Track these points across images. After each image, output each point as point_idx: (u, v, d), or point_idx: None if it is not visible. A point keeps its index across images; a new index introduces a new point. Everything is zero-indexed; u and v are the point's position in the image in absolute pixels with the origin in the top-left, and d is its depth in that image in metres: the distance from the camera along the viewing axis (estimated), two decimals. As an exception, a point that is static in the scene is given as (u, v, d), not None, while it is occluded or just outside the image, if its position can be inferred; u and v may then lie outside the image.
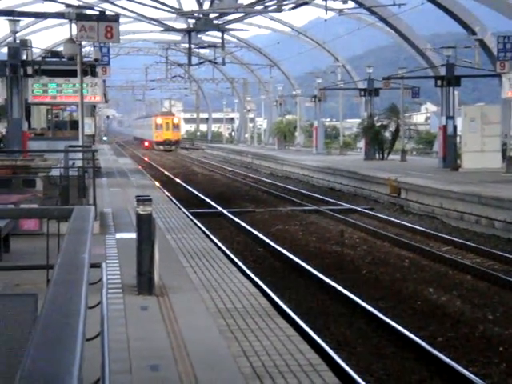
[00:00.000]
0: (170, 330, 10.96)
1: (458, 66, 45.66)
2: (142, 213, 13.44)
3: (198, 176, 54.76)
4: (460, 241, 23.83)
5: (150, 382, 8.80)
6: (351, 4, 45.74)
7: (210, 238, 21.99)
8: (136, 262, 13.38)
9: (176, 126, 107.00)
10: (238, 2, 34.55)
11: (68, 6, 29.73)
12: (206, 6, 37.61)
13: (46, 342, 3.02)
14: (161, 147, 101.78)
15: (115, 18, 26.42)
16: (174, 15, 45.12)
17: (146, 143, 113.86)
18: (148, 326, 11.24)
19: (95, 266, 8.58)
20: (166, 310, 12.20)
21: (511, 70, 35.70)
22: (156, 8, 40.01)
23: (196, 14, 39.68)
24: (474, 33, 44.54)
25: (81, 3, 37.94)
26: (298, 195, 39.12)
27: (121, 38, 30.75)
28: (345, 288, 17.31)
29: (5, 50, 37.47)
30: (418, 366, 12.26)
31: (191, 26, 44.01)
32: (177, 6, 40.84)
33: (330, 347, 12.55)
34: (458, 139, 43.68)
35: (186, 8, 41.22)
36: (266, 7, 35.64)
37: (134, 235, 14.04)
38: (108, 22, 25.47)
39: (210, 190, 42.22)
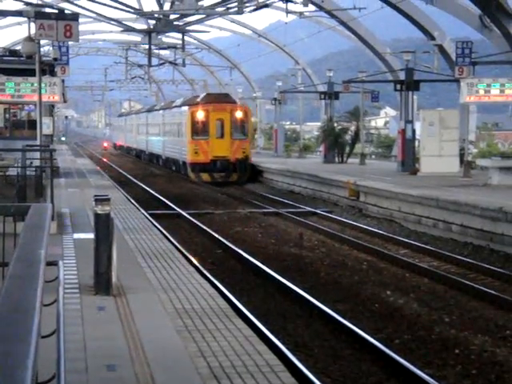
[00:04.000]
0: (126, 330, 10.97)
1: (417, 71, 46.10)
2: (100, 212, 13.39)
3: (157, 178, 54.62)
4: (417, 244, 24.06)
5: (106, 381, 8.79)
6: (312, 7, 45.90)
7: (168, 239, 22.02)
8: (94, 262, 13.36)
9: (241, 127, 51.51)
10: (199, 4, 34.51)
11: (27, 4, 29.58)
12: (167, 6, 37.56)
13: (1, 337, 3.01)
14: (206, 177, 49.36)
15: (74, 17, 26.32)
16: (134, 16, 45.10)
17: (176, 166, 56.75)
18: (105, 326, 11.22)
19: (52, 263, 8.53)
20: (123, 310, 12.20)
21: (469, 76, 36.00)
22: (116, 8, 39.84)
23: (156, 15, 39.75)
24: (433, 38, 44.92)
25: (40, 2, 37.72)
26: (258, 197, 39.29)
27: (80, 37, 30.48)
28: (303, 290, 17.37)
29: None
30: (375, 367, 12.35)
31: (151, 26, 44.19)
32: (137, 7, 40.83)
33: (287, 348, 12.58)
34: (416, 143, 44.03)
35: (147, 9, 41.53)
36: (227, 9, 35.67)
37: (91, 235, 14.03)
38: (67, 20, 25.40)
39: (168, 191, 42.18)
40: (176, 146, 55.64)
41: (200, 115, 49.49)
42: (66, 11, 29.33)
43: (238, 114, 49.60)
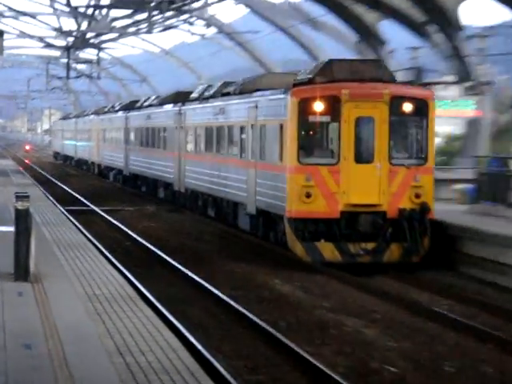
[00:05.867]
0: (42, 312, 10.85)
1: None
2: (20, 208, 13.24)
3: (72, 177, 54.04)
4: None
5: (23, 358, 8.62)
6: (213, 30, 46.07)
7: (82, 233, 21.87)
8: (13, 252, 13.20)
9: (413, 136, 20.36)
10: (113, 24, 34.27)
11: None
12: (84, 26, 37.25)
13: None
14: (331, 251, 19.01)
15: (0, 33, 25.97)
16: (55, 33, 44.57)
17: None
18: (23, 309, 11.06)
19: None
20: (39, 295, 12.07)
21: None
22: (38, 26, 39.49)
23: (74, 33, 39.27)
24: (316, 59, 45.53)
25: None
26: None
27: (5, 51, 30.05)
28: (202, 279, 17.28)
29: None
30: (264, 346, 12.46)
31: (70, 43, 43.63)
32: (57, 26, 40.33)
33: (186, 329, 12.49)
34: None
35: (66, 27, 40.85)
36: (138, 29, 35.52)
37: (12, 228, 13.84)
38: None
39: (84, 188, 41.77)
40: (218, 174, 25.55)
41: (319, 108, 19.47)
42: None
43: (408, 108, 19.84)
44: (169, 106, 33.40)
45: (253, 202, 21.66)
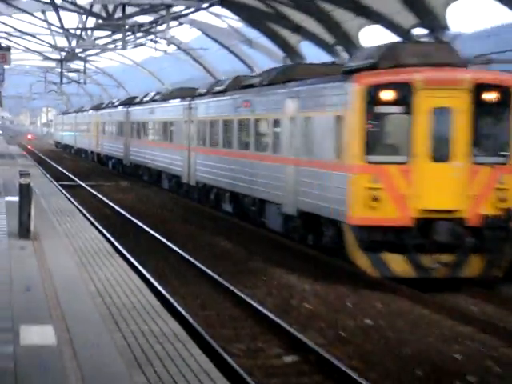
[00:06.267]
0: (40, 263, 10.67)
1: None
2: (23, 183, 13.09)
3: (66, 160, 52.79)
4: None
5: (24, 298, 8.49)
6: (173, 47, 45.39)
7: (71, 202, 21.40)
8: (18, 216, 12.97)
9: (497, 130, 12.83)
10: (96, 42, 33.45)
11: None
12: (74, 43, 36.39)
13: None
14: (401, 265, 12.10)
15: (8, 49, 25.55)
16: (51, 49, 43.49)
17: None
18: (25, 260, 10.85)
19: None
20: (38, 249, 11.86)
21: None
22: (38, 43, 38.84)
23: (66, 49, 38.32)
24: (253, 71, 45.06)
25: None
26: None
27: (12, 62, 29.42)
28: (162, 236, 16.66)
29: None
30: (211, 289, 12.02)
31: (63, 57, 42.66)
32: (52, 43, 39.26)
33: (151, 276, 12.07)
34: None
35: (59, 44, 39.84)
36: (116, 46, 34.70)
37: (17, 198, 13.57)
38: (3, 51, 24.68)
39: (73, 169, 40.80)
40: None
41: (388, 96, 12.50)
42: (2, 44, 28.12)
43: (491, 97, 12.66)
44: (175, 101, 26.74)
45: (292, 203, 15.04)
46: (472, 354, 8.48)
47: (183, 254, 14.58)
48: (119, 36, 27.85)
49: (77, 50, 37.19)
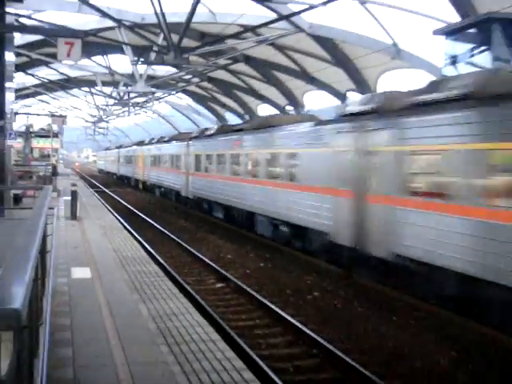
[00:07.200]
0: (82, 234, 14.22)
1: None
2: (73, 189, 17.17)
3: (97, 177, 61.32)
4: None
5: (73, 252, 11.49)
6: (155, 115, 56.90)
7: (99, 200, 27.27)
8: (70, 207, 17.03)
9: None
10: (113, 112, 42.84)
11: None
12: (101, 113, 46.31)
13: (26, 232, 3.79)
14: None
15: (65, 116, 36.58)
16: (89, 116, 55.01)
17: None
18: (74, 232, 14.49)
19: (51, 208, 11.81)
20: (80, 226, 15.76)
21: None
22: (82, 111, 52.67)
23: (97, 116, 49.79)
24: (198, 127, 49.66)
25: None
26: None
27: (68, 123, 39.40)
28: (152, 220, 22.56)
29: None
30: (177, 247, 16.15)
31: (95, 120, 55.27)
32: (89, 112, 52.39)
33: (145, 242, 16.33)
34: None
35: (93, 113, 51.44)
36: (124, 113, 42.47)
37: (69, 198, 17.46)
38: (62, 117, 35.26)
39: (101, 182, 49.78)
40: None
41: None
42: (62, 114, 39.63)
43: None
44: (174, 142, 31.87)
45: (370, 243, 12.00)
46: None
47: (162, 229, 19.46)
48: (125, 109, 38.54)
49: (103, 117, 49.03)
